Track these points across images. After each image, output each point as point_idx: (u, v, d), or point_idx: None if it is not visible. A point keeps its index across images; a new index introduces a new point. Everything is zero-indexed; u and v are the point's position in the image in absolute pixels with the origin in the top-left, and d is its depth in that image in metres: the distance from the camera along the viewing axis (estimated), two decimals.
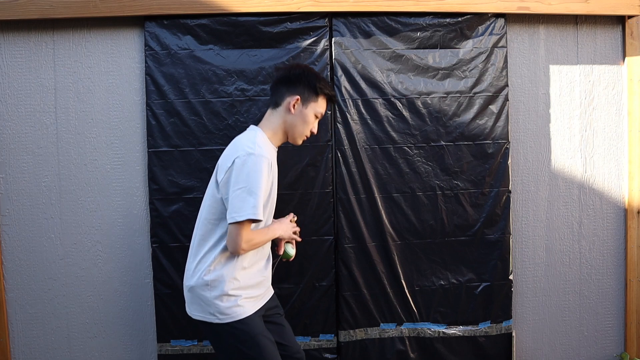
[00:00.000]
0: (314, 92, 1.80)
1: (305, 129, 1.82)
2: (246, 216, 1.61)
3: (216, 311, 1.68)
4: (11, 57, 2.27)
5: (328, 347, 2.37)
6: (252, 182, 1.62)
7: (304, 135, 1.83)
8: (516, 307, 2.50)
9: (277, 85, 1.83)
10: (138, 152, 2.32)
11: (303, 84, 1.79)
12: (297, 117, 1.79)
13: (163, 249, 2.28)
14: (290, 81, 1.80)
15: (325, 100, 1.85)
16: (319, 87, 1.80)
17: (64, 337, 2.35)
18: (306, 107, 1.80)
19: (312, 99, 1.80)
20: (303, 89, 1.79)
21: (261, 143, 1.71)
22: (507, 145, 2.41)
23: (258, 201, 1.62)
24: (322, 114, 1.85)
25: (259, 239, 1.70)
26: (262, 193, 1.64)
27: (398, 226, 2.37)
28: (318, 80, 1.81)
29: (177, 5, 2.20)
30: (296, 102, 1.78)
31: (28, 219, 2.31)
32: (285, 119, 1.80)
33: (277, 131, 1.81)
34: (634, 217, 2.52)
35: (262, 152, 1.66)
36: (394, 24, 2.32)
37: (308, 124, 1.81)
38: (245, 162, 1.63)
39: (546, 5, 2.34)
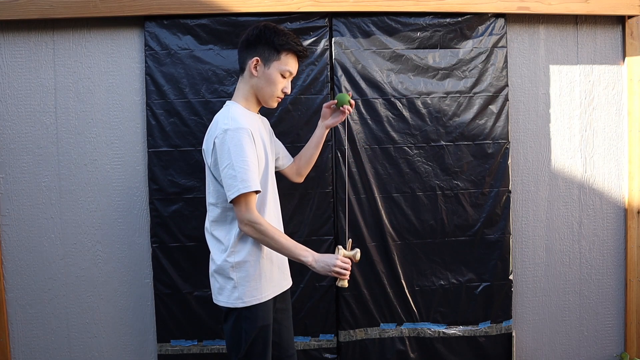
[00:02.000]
0: (274, 50, 1.69)
1: (274, 90, 1.72)
2: (237, 192, 1.57)
3: (240, 294, 1.66)
4: (11, 57, 2.27)
5: (328, 347, 2.37)
6: (235, 156, 1.58)
7: (274, 96, 1.74)
8: (516, 307, 2.50)
9: (239, 51, 1.76)
10: (138, 152, 2.32)
11: (262, 44, 1.69)
12: (262, 79, 1.71)
13: (163, 249, 2.28)
14: (249, 43, 1.71)
15: (291, 56, 1.73)
16: (279, 43, 1.68)
17: (64, 337, 2.35)
18: (268, 67, 1.70)
19: (274, 58, 1.70)
20: (262, 49, 1.69)
21: (236, 115, 1.66)
22: (507, 145, 2.41)
23: (246, 174, 1.58)
24: (291, 72, 1.74)
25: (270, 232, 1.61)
26: (250, 164, 1.60)
27: (398, 226, 2.37)
28: (277, 36, 1.69)
29: (177, 5, 2.20)
30: (256, 63, 1.70)
31: (28, 219, 2.31)
32: (251, 84, 1.73)
33: (247, 97, 1.75)
34: (634, 217, 2.52)
35: (238, 124, 1.62)
36: (394, 24, 2.32)
37: (275, 84, 1.71)
38: (223, 140, 1.60)
39: (546, 5, 2.34)
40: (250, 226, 1.61)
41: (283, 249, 1.64)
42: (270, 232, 1.62)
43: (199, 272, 2.27)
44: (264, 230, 1.61)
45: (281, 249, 1.64)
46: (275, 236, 1.63)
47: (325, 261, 1.66)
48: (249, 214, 1.60)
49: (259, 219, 1.61)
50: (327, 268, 1.67)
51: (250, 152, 1.61)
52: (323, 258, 1.67)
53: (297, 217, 2.29)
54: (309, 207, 2.31)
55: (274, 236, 1.63)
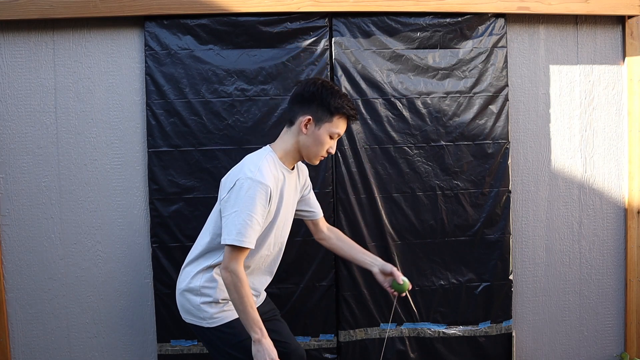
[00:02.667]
0: (328, 112, 1.67)
1: (320, 150, 1.71)
2: (230, 242, 1.58)
3: (205, 316, 1.69)
4: (11, 57, 2.27)
5: (328, 347, 2.37)
6: (246, 206, 1.58)
7: (319, 156, 1.73)
8: (516, 307, 2.50)
9: (291, 103, 1.74)
10: (138, 152, 2.32)
11: (316, 103, 1.67)
12: (310, 137, 1.69)
13: (163, 249, 2.28)
14: (304, 99, 1.69)
15: (342, 119, 1.71)
16: (334, 106, 1.66)
17: (64, 337, 2.35)
18: (319, 128, 1.68)
19: (326, 119, 1.67)
20: (316, 109, 1.67)
21: (265, 167, 1.64)
22: (507, 145, 2.41)
23: (247, 229, 1.58)
24: (339, 134, 1.72)
25: (242, 292, 1.58)
26: (255, 221, 1.60)
27: (398, 226, 2.37)
28: (333, 98, 1.67)
29: (177, 5, 2.20)
30: (308, 122, 1.67)
31: (28, 219, 2.31)
32: (298, 139, 1.71)
33: (289, 151, 1.73)
34: (634, 217, 2.52)
35: (262, 178, 1.61)
36: (394, 24, 2.32)
37: (322, 144, 1.69)
38: (242, 186, 1.60)
39: (546, 5, 2.34)
40: (230, 275, 1.59)
41: (243, 312, 1.60)
42: (244, 291, 1.59)
43: None
44: (239, 287, 1.59)
45: (241, 310, 1.60)
46: (245, 298, 1.59)
47: (267, 349, 1.59)
48: (235, 265, 1.59)
49: (241, 275, 1.60)
50: (263, 355, 1.59)
51: (260, 210, 1.61)
52: (268, 345, 1.60)
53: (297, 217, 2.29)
54: None
55: (245, 297, 1.59)
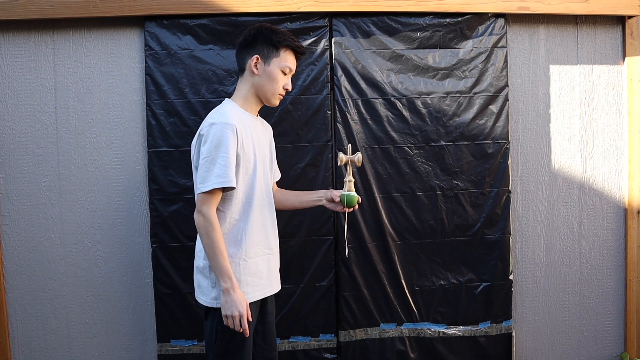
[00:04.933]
0: (273, 47, 1.72)
1: (276, 87, 1.74)
2: (210, 186, 1.58)
3: (212, 295, 1.67)
4: (11, 57, 2.27)
5: (328, 347, 2.37)
6: (216, 150, 1.59)
7: (276, 93, 1.76)
8: (516, 307, 2.50)
9: (238, 52, 1.78)
10: (138, 152, 2.32)
11: (260, 42, 1.72)
12: (262, 76, 1.73)
13: (163, 249, 2.28)
14: (248, 43, 1.74)
15: (289, 52, 1.75)
16: (277, 40, 1.72)
17: (64, 337, 2.35)
18: (269, 65, 1.72)
19: (274, 55, 1.72)
20: (261, 47, 1.72)
21: (226, 111, 1.68)
22: (507, 145, 2.41)
23: (224, 169, 1.58)
24: (290, 69, 1.76)
25: (213, 235, 1.57)
26: (230, 160, 1.60)
27: (398, 226, 2.37)
28: (275, 33, 1.72)
29: (177, 5, 2.20)
30: (257, 61, 1.72)
31: (28, 219, 2.31)
32: (252, 82, 1.75)
33: (247, 96, 1.77)
34: (634, 217, 2.52)
35: (226, 119, 1.63)
36: (394, 24, 2.32)
37: (276, 81, 1.73)
38: (208, 133, 1.62)
39: (546, 5, 2.34)
40: (202, 218, 1.59)
41: (214, 259, 1.59)
42: (215, 235, 1.59)
43: None
44: (210, 231, 1.58)
45: (212, 257, 1.59)
46: (216, 243, 1.58)
47: (237, 300, 1.58)
48: (208, 209, 1.59)
49: (213, 219, 1.60)
50: (232, 306, 1.58)
51: (231, 149, 1.62)
52: (239, 297, 1.59)
53: (297, 217, 2.29)
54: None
55: (215, 242, 1.58)
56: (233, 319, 1.59)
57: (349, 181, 1.84)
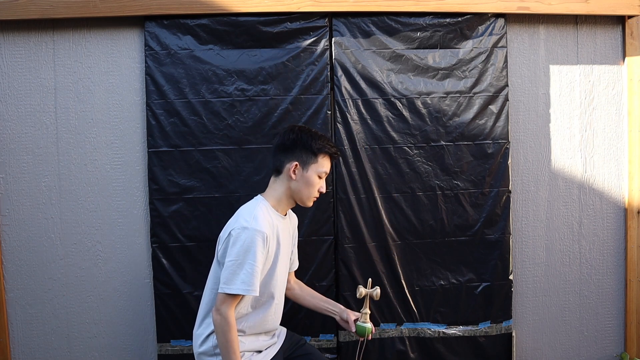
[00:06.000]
0: (312, 154, 1.76)
1: (312, 191, 1.78)
2: (235, 291, 1.62)
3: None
4: (11, 57, 2.27)
5: (328, 347, 2.37)
6: (244, 256, 1.63)
7: (312, 197, 1.80)
8: (516, 307, 2.50)
9: (275, 153, 1.81)
10: (138, 152, 2.32)
11: (299, 148, 1.76)
12: (300, 182, 1.76)
13: (163, 249, 2.28)
14: (286, 147, 1.77)
15: (327, 157, 1.80)
16: (316, 147, 1.76)
17: (64, 337, 2.35)
18: (307, 171, 1.76)
19: (312, 161, 1.76)
20: (300, 153, 1.76)
21: (260, 215, 1.70)
22: (507, 145, 2.41)
23: (250, 277, 1.62)
24: (326, 173, 1.81)
25: (230, 337, 1.63)
26: (257, 268, 1.64)
27: (398, 226, 2.37)
28: (314, 140, 1.76)
29: (177, 5, 2.20)
30: (295, 167, 1.75)
31: (28, 219, 2.31)
32: (288, 186, 1.78)
33: (281, 199, 1.80)
34: (634, 217, 2.52)
35: (258, 225, 1.66)
36: (394, 24, 2.32)
37: (313, 186, 1.77)
38: (239, 236, 1.65)
39: (546, 5, 2.34)
40: (221, 318, 1.63)
41: (226, 356, 1.63)
42: (231, 336, 1.63)
43: (199, 272, 2.27)
44: (227, 331, 1.63)
45: (225, 354, 1.64)
46: (231, 343, 1.63)
47: None
48: (227, 309, 1.64)
49: (231, 320, 1.64)
50: None
51: (259, 257, 1.65)
52: None
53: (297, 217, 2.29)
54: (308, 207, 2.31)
55: (230, 342, 1.63)
56: None
57: (365, 313, 1.90)
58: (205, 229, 2.29)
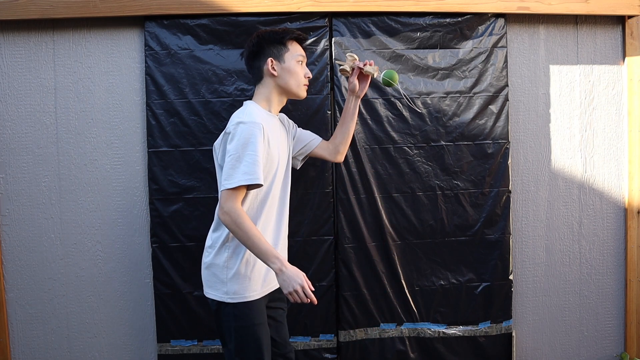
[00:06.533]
0: (280, 44, 1.79)
1: (298, 79, 1.81)
2: (237, 183, 1.57)
3: (229, 290, 1.68)
4: (11, 57, 2.27)
5: (328, 347, 2.37)
6: (244, 148, 1.60)
7: (301, 84, 1.82)
8: (516, 307, 2.50)
9: (248, 64, 1.84)
10: (138, 152, 2.32)
11: (266, 45, 1.78)
12: (282, 74, 1.78)
13: (163, 249, 2.28)
14: (255, 51, 1.80)
15: (295, 43, 1.83)
16: (281, 36, 1.78)
17: (64, 337, 2.35)
18: (284, 61, 1.78)
19: (284, 51, 1.79)
20: (270, 49, 1.78)
21: (252, 111, 1.70)
22: (507, 145, 2.41)
23: (252, 167, 1.58)
24: (303, 56, 1.83)
25: (246, 226, 1.56)
26: (258, 158, 1.61)
27: (398, 226, 2.37)
28: (275, 32, 1.79)
29: (177, 5, 2.20)
30: (272, 63, 1.77)
31: (28, 219, 2.31)
32: (274, 84, 1.80)
33: (270, 98, 1.81)
34: (634, 217, 2.52)
35: (253, 118, 1.65)
36: (394, 24, 2.32)
37: (297, 73, 1.80)
38: (235, 131, 1.63)
39: (546, 5, 2.34)
40: (228, 215, 1.58)
41: (254, 247, 1.58)
42: (246, 225, 1.57)
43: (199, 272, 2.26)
44: (240, 222, 1.57)
45: (252, 246, 1.58)
46: (250, 232, 1.57)
47: (291, 276, 1.57)
48: (232, 203, 1.58)
49: (239, 211, 1.58)
50: (290, 283, 1.57)
51: (260, 147, 1.62)
52: (291, 271, 1.58)
53: (297, 217, 2.29)
54: (309, 207, 2.31)
55: (249, 231, 1.57)
56: (297, 293, 1.57)
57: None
58: (205, 229, 2.27)
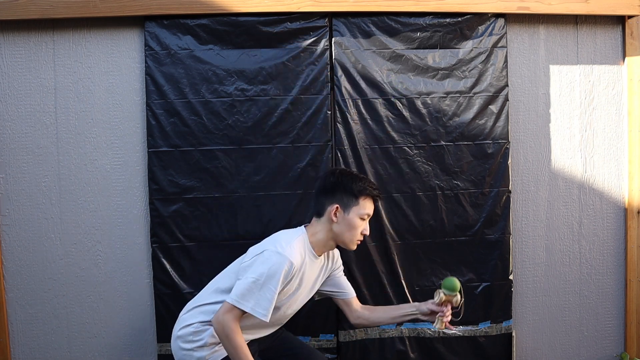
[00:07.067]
0: (353, 197, 1.75)
1: (354, 234, 1.76)
2: (248, 309, 1.61)
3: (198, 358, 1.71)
4: (11, 57, 2.27)
5: (328, 347, 2.37)
6: (268, 279, 1.62)
7: (355, 240, 1.78)
8: (516, 307, 2.50)
9: (316, 196, 1.82)
10: (138, 152, 2.32)
11: (340, 191, 1.75)
12: (342, 224, 1.75)
13: (163, 249, 2.28)
14: (327, 190, 1.78)
15: (368, 199, 1.78)
16: (357, 190, 1.75)
17: (64, 337, 2.35)
18: (348, 213, 1.75)
19: (353, 204, 1.75)
20: (341, 196, 1.75)
21: (295, 247, 1.70)
22: (507, 145, 2.41)
23: (266, 303, 1.62)
24: (369, 215, 1.79)
25: (236, 342, 1.60)
26: (274, 297, 1.63)
27: (398, 226, 2.37)
28: (354, 182, 1.76)
29: (177, 5, 2.20)
30: (336, 210, 1.75)
31: (28, 219, 2.31)
32: (330, 228, 1.77)
33: (321, 239, 1.79)
34: (634, 217, 2.52)
35: (290, 255, 1.66)
36: (394, 24, 2.32)
37: (355, 228, 1.76)
38: (270, 258, 1.65)
39: (546, 5, 2.34)
40: (222, 327, 1.61)
41: (234, 354, 1.62)
42: (236, 341, 1.61)
43: (199, 272, 2.27)
44: (231, 336, 1.60)
45: (232, 353, 1.62)
46: (239, 348, 1.61)
47: None
48: (231, 319, 1.61)
49: (234, 327, 1.62)
50: None
51: (280, 286, 1.64)
52: None
53: (297, 217, 2.29)
54: (309, 207, 2.31)
55: (237, 347, 1.61)
56: None
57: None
58: (205, 229, 2.29)
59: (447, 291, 1.78)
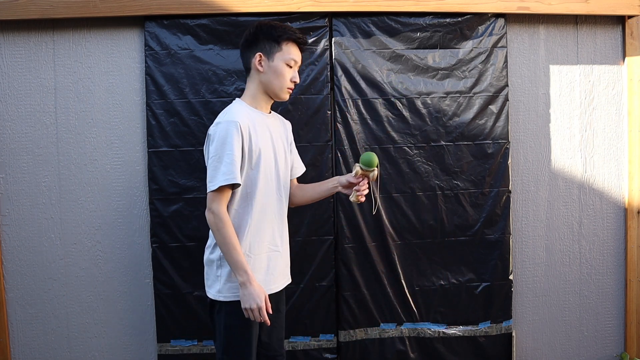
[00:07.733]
0: (274, 42, 1.72)
1: (283, 82, 1.74)
2: (218, 184, 1.60)
3: (222, 289, 1.70)
4: (11, 57, 2.27)
5: (328, 347, 2.37)
6: (222, 149, 1.62)
7: (284, 88, 1.76)
8: (516, 307, 2.50)
9: (242, 52, 1.80)
10: (138, 152, 2.32)
11: (261, 39, 1.73)
12: (268, 73, 1.73)
13: (163, 249, 2.28)
14: (249, 42, 1.75)
15: (292, 45, 1.75)
16: (277, 34, 1.72)
17: (64, 337, 2.35)
18: (273, 60, 1.73)
19: (276, 50, 1.72)
20: (263, 44, 1.73)
21: (233, 110, 1.70)
22: (507, 145, 2.41)
23: (230, 167, 1.61)
24: (295, 61, 1.76)
25: (225, 233, 1.60)
26: (234, 157, 1.62)
27: (398, 226, 2.37)
28: (274, 28, 1.73)
29: (177, 5, 2.20)
30: (260, 58, 1.73)
31: (28, 219, 2.31)
32: (259, 80, 1.76)
33: (255, 95, 1.77)
34: (634, 217, 2.52)
35: (231, 117, 1.65)
36: (394, 24, 2.32)
37: (283, 75, 1.73)
38: (214, 133, 1.65)
39: (546, 5, 2.34)
40: (212, 216, 1.62)
41: (227, 254, 1.62)
42: (226, 231, 1.61)
43: (199, 272, 2.25)
44: (221, 227, 1.61)
45: (226, 252, 1.62)
46: (227, 238, 1.61)
47: (253, 293, 1.60)
48: (217, 206, 1.62)
49: (223, 215, 1.62)
50: (249, 299, 1.60)
51: (236, 146, 1.63)
52: (255, 289, 1.60)
53: (297, 217, 2.29)
54: (308, 207, 2.30)
55: (227, 237, 1.61)
56: (252, 312, 1.61)
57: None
58: (205, 229, 2.26)
59: (364, 166, 1.76)
